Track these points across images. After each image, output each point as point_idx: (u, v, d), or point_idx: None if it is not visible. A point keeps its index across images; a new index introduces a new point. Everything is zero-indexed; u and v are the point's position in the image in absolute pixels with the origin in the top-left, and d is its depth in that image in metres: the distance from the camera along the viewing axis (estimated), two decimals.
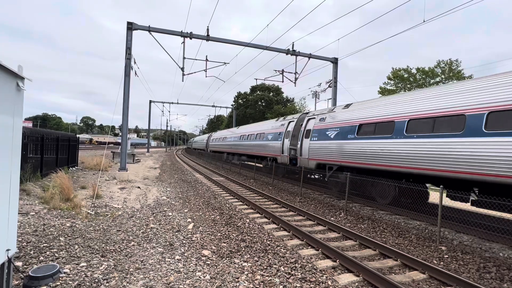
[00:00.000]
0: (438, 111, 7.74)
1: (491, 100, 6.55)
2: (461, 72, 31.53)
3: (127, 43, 15.19)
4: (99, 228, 6.31)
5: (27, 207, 7.42)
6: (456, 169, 6.98)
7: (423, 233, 7.18)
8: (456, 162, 6.99)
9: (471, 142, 6.73)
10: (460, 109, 7.17)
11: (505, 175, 6.01)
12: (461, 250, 6.06)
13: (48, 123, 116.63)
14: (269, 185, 15.33)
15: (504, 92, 6.37)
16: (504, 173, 6.01)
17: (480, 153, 6.49)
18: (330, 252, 5.51)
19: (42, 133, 12.33)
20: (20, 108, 3.46)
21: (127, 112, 15.36)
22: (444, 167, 7.26)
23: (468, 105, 7.01)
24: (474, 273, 5.08)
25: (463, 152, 6.86)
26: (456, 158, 6.98)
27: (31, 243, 5.05)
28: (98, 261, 4.58)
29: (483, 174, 6.41)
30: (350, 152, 10.55)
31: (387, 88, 36.12)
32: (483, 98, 6.75)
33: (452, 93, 7.61)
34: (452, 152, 7.09)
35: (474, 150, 6.63)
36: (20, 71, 3.31)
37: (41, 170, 11.65)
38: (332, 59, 19.42)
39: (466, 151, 6.80)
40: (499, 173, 6.10)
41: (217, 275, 4.38)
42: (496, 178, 6.17)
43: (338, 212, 9.51)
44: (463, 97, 7.26)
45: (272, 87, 58.08)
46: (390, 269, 5.17)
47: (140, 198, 10.36)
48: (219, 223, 7.52)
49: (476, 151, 6.60)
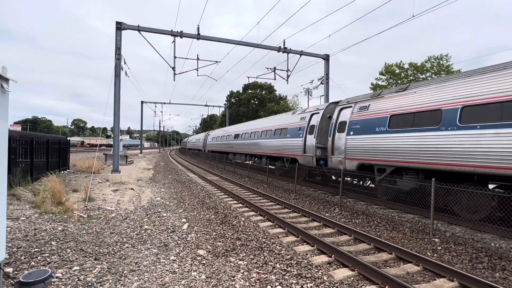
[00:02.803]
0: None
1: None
2: (450, 66, 31.95)
3: (116, 43, 14.98)
4: (92, 231, 6.23)
5: (17, 212, 7.28)
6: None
7: (416, 226, 7.26)
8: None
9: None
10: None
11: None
12: (454, 241, 6.15)
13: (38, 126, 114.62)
14: (263, 183, 15.33)
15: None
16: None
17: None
18: (325, 247, 5.53)
19: (32, 136, 12.10)
20: (5, 110, 3.38)
21: (119, 113, 15.18)
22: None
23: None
24: (467, 264, 5.16)
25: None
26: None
27: (21, 248, 4.95)
28: (92, 265, 4.52)
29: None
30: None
31: (379, 84, 36.41)
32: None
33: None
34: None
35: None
36: (4, 72, 3.23)
37: (31, 174, 11.44)
38: (323, 56, 19.48)
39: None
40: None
41: (212, 274, 4.35)
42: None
43: (332, 207, 9.56)
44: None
45: (264, 85, 58.02)
46: (385, 262, 5.21)
47: (134, 199, 10.25)
48: (214, 222, 7.49)
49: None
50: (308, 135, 13.48)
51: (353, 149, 10.18)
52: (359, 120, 10.18)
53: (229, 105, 58.00)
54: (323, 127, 12.69)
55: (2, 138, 3.32)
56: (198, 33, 16.33)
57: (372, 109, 9.78)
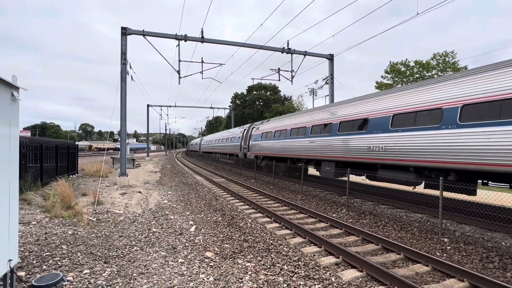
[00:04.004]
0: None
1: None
2: (456, 63, 31.52)
3: (122, 49, 15.16)
4: (101, 235, 6.31)
5: (28, 216, 7.42)
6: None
7: (425, 225, 7.19)
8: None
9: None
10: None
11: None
12: (464, 241, 6.07)
13: (47, 132, 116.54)
14: (270, 184, 15.34)
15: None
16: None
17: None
18: (332, 248, 5.52)
19: (41, 142, 12.32)
20: (16, 118, 3.46)
21: (125, 117, 15.34)
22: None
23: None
24: (477, 264, 5.09)
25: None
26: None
27: (33, 252, 5.05)
28: (101, 268, 4.58)
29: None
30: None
31: (384, 83, 36.10)
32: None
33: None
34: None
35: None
36: (14, 81, 3.31)
37: (41, 179, 11.64)
38: (327, 56, 19.41)
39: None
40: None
41: (220, 277, 4.38)
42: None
43: (339, 208, 9.51)
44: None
45: (269, 86, 58.01)
46: (394, 263, 5.17)
47: (142, 202, 10.35)
48: (221, 224, 7.52)
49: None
50: (241, 140, 23.97)
51: (252, 147, 21.03)
52: (255, 134, 20.82)
53: (234, 107, 58.11)
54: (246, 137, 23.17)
55: (14, 144, 3.40)
56: (202, 36, 16.43)
57: (260, 128, 20.14)
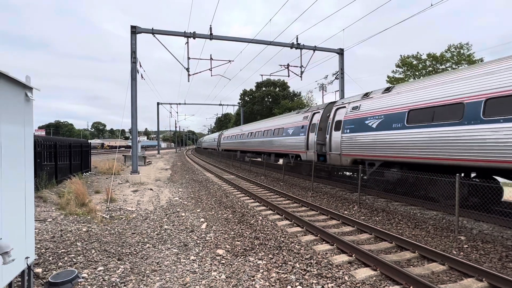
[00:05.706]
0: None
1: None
2: (471, 55, 30.57)
3: (131, 47, 15.29)
4: (114, 232, 6.41)
5: (44, 213, 7.59)
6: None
7: (440, 223, 7.02)
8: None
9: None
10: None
11: None
12: (481, 239, 5.89)
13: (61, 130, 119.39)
14: (280, 181, 15.28)
15: None
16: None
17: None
18: (345, 246, 5.44)
19: (55, 140, 12.58)
20: (30, 117, 3.51)
21: (136, 115, 15.52)
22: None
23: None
24: (496, 263, 4.93)
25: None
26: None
27: (49, 249, 5.16)
28: (115, 265, 4.64)
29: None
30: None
31: (395, 77, 35.38)
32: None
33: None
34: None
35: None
36: (28, 82, 3.34)
37: (56, 176, 11.90)
38: (337, 50, 19.11)
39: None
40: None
41: (232, 274, 4.37)
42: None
43: (351, 205, 9.39)
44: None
45: (278, 82, 57.69)
46: (408, 261, 5.06)
47: (153, 200, 10.47)
48: (232, 222, 7.53)
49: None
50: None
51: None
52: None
53: (243, 104, 58.07)
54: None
55: (29, 143, 3.45)
56: (211, 33, 16.41)
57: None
